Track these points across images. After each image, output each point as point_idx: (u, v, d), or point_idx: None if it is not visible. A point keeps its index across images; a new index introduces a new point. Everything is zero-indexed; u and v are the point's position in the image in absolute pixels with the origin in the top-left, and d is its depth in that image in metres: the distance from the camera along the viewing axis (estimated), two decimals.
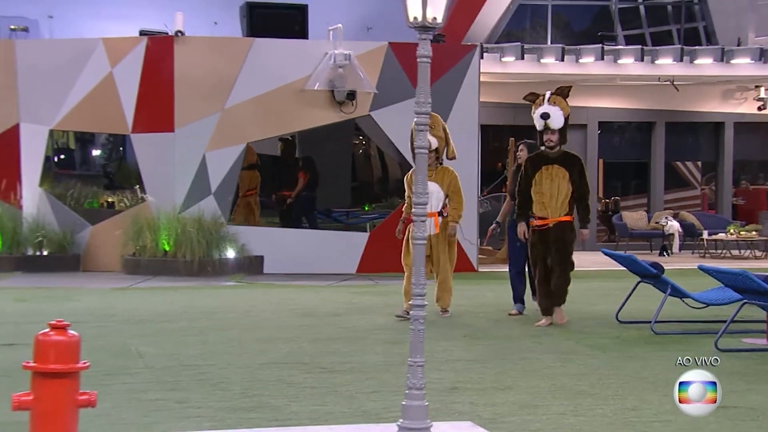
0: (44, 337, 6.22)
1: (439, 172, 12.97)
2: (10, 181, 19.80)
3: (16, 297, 15.47)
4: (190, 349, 10.97)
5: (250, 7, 20.09)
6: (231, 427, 7.49)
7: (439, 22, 6.77)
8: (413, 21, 6.77)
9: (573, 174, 12.31)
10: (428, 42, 6.85)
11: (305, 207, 21.38)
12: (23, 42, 20.68)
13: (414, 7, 6.72)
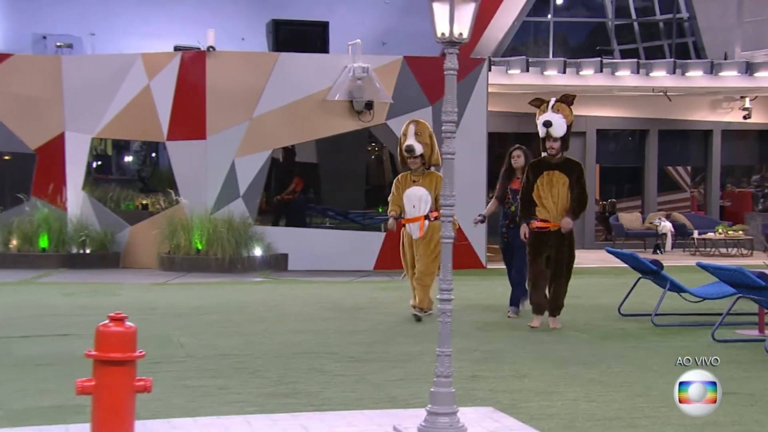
0: (104, 328, 6.30)
1: (426, 176, 12.41)
2: (57, 185, 19.85)
3: (64, 292, 15.51)
4: (227, 339, 10.99)
5: (276, 24, 20.12)
6: (271, 412, 7.51)
7: (465, 37, 6.72)
8: (441, 36, 6.71)
9: (572, 180, 11.63)
10: (455, 56, 6.81)
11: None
12: (68, 58, 20.69)
13: (442, 23, 6.67)
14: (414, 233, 12.30)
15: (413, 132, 12.30)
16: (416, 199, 12.18)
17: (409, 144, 12.23)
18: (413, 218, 12.28)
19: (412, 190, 12.28)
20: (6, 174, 20.82)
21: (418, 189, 12.22)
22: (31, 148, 20.02)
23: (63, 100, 19.95)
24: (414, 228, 12.30)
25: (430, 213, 12.19)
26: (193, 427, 6.99)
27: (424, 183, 12.30)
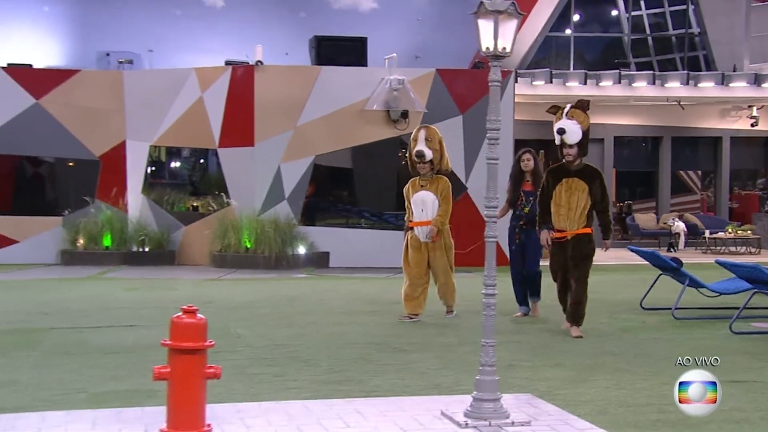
0: (178, 320, 6.32)
1: (434, 181, 11.70)
2: (119, 189, 19.98)
3: (127, 287, 15.58)
4: (280, 331, 10.99)
5: (318, 39, 20.13)
6: (325, 397, 7.49)
7: (508, 51, 6.72)
8: (486, 51, 6.71)
9: (593, 188, 10.57)
10: (498, 68, 6.80)
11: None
12: (129, 72, 20.82)
13: (486, 38, 6.67)
14: (422, 236, 11.69)
15: (423, 137, 11.66)
16: (423, 203, 11.63)
17: (419, 149, 11.58)
18: (422, 222, 11.66)
19: (420, 194, 11.68)
20: (73, 179, 20.93)
21: (427, 193, 11.64)
22: (95, 155, 20.13)
23: (124, 111, 20.08)
24: (422, 231, 11.67)
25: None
26: (256, 411, 7.00)
27: (431, 188, 11.69)
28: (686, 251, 23.16)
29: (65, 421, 6.65)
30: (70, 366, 8.81)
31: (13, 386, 7.92)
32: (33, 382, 8.08)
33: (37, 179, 22.06)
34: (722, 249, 23.59)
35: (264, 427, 6.52)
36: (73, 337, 10.42)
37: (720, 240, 23.62)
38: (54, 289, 15.25)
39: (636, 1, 27.22)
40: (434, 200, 11.59)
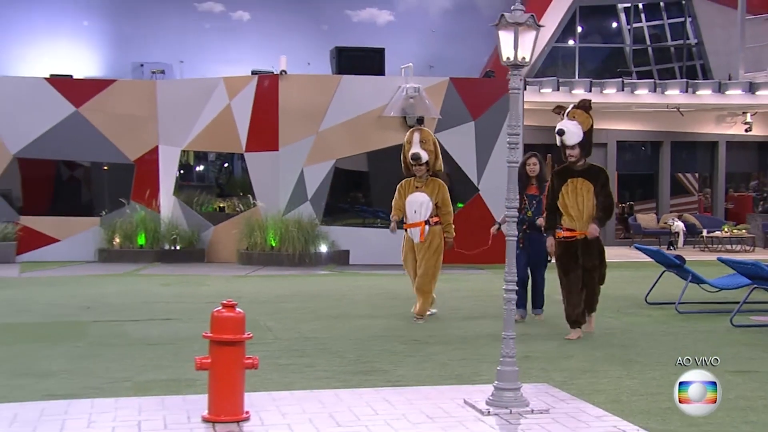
0: (219, 314, 6.35)
1: (429, 183, 11.16)
2: (152, 191, 20.02)
3: (161, 282, 15.62)
4: (307, 324, 11.00)
5: (339, 50, 20.13)
6: (354, 387, 7.50)
7: (527, 60, 6.71)
8: (506, 60, 6.70)
9: (597, 186, 9.85)
10: (518, 77, 6.79)
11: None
12: (161, 82, 20.87)
13: (507, 48, 6.67)
14: (415, 237, 11.20)
15: (418, 140, 11.11)
16: (417, 204, 11.10)
17: (415, 152, 11.04)
18: (414, 223, 11.17)
19: (415, 195, 11.14)
20: (109, 182, 20.99)
21: (421, 195, 11.09)
22: (130, 159, 20.18)
23: (157, 118, 20.13)
24: (415, 232, 11.19)
25: (431, 218, 11.12)
26: (290, 399, 7.00)
27: (426, 189, 11.13)
28: (685, 249, 23.09)
29: (114, 408, 6.67)
30: (114, 356, 8.86)
31: (63, 375, 7.99)
32: (81, 371, 8.13)
33: (74, 182, 22.15)
34: (719, 247, 23.54)
35: (299, 415, 6.53)
36: (115, 330, 10.48)
37: (717, 239, 23.59)
38: (95, 284, 15.31)
39: (637, 13, 27.21)
40: (428, 202, 11.06)
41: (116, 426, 6.20)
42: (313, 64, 22.50)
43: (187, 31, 23.99)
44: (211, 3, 24.58)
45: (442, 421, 6.38)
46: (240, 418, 6.29)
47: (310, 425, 6.25)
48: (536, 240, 10.91)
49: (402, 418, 6.45)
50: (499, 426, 6.29)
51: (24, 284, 15.41)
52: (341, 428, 6.20)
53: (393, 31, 24.52)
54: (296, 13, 24.46)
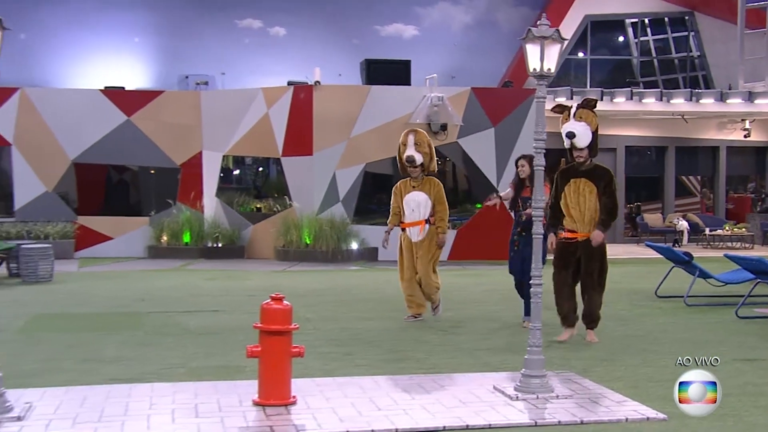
0: (268, 306, 6.36)
1: (425, 183, 10.49)
2: (196, 193, 20.07)
3: (206, 277, 15.64)
4: (343, 316, 10.99)
5: (368, 62, 20.16)
6: (390, 374, 7.49)
7: (553, 71, 6.68)
8: (533, 71, 6.68)
9: (601, 188, 8.99)
10: (544, 87, 6.77)
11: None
12: (205, 92, 20.94)
13: (533, 60, 6.65)
14: (414, 236, 10.53)
15: (413, 142, 10.41)
16: (415, 203, 10.46)
17: (410, 155, 10.36)
18: (413, 222, 10.52)
19: (412, 195, 10.49)
20: (157, 184, 21.09)
21: (419, 194, 10.44)
22: (176, 163, 20.27)
23: (201, 126, 20.20)
24: (414, 231, 10.53)
25: (430, 217, 10.48)
26: (332, 384, 7.00)
27: (423, 188, 10.49)
28: (689, 247, 22.96)
29: (172, 392, 6.70)
30: (169, 344, 8.89)
31: (123, 361, 8.03)
32: (140, 358, 8.17)
33: (125, 185, 22.28)
34: (720, 244, 23.39)
35: (341, 399, 6.53)
36: (168, 320, 10.52)
37: (718, 237, 23.47)
38: (146, 279, 15.36)
39: (643, 27, 27.08)
40: (426, 201, 10.43)
41: (175, 408, 6.22)
42: (344, 75, 22.49)
43: (228, 46, 24.05)
44: (251, 20, 24.62)
45: (473, 406, 6.37)
46: (288, 402, 6.31)
47: (352, 409, 6.25)
48: (531, 243, 10.00)
49: (436, 403, 6.45)
50: (527, 410, 6.27)
51: (83, 278, 15.51)
52: (381, 412, 6.20)
53: (418, 45, 24.49)
54: (328, 29, 24.47)
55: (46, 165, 19.71)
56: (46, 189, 19.78)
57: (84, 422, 5.86)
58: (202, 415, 6.06)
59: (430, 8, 25.46)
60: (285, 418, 6.00)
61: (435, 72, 20.28)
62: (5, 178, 19.94)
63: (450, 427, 5.86)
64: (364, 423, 5.90)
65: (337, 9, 24.69)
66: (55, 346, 8.75)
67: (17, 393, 6.40)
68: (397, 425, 5.85)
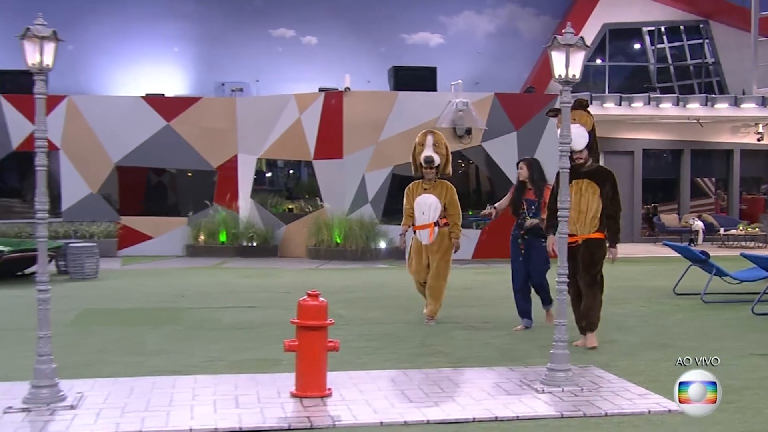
0: (304, 302, 6.35)
1: (437, 185, 9.99)
2: (232, 194, 20.14)
3: (242, 274, 15.68)
4: (373, 312, 10.97)
5: (396, 69, 20.12)
6: (420, 367, 7.46)
7: (577, 77, 6.63)
8: (558, 77, 6.63)
9: (604, 190, 8.34)
10: (569, 92, 6.72)
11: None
12: (240, 99, 21.01)
13: (559, 66, 6.60)
14: (424, 239, 10.01)
15: (431, 143, 9.92)
16: (426, 206, 9.93)
17: (428, 155, 9.85)
18: (423, 225, 10.00)
19: (423, 197, 9.97)
20: (195, 186, 21.19)
21: (429, 197, 9.92)
22: (213, 166, 20.35)
23: (237, 130, 20.27)
24: (424, 234, 10.02)
25: (440, 220, 9.96)
26: (365, 378, 7.00)
27: (434, 191, 9.97)
28: (704, 246, 22.77)
29: (213, 383, 6.72)
30: (209, 338, 8.92)
31: (166, 354, 8.06)
32: (182, 351, 8.20)
33: (165, 187, 22.40)
34: (734, 243, 23.20)
35: (374, 392, 6.52)
36: (207, 315, 10.55)
37: (732, 236, 23.29)
38: (185, 276, 15.43)
39: (659, 35, 26.90)
40: (437, 203, 9.89)
41: (217, 399, 6.24)
42: (373, 82, 22.52)
43: (262, 54, 24.14)
44: (284, 29, 24.69)
45: (501, 398, 6.34)
46: (324, 393, 6.31)
47: (385, 401, 6.24)
48: (536, 246, 9.55)
49: (466, 396, 6.43)
50: (553, 403, 6.23)
51: (126, 275, 15.60)
52: (413, 403, 6.19)
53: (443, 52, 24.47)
54: (357, 38, 24.50)
55: (91, 168, 19.87)
56: (91, 191, 19.94)
57: (132, 411, 5.90)
58: (242, 406, 6.07)
59: (455, 17, 25.43)
60: (321, 409, 6.00)
61: (460, 78, 20.27)
62: (53, 181, 20.10)
63: (479, 418, 5.83)
64: (396, 414, 5.89)
65: (366, 19, 24.72)
66: (102, 340, 8.82)
67: (69, 383, 6.46)
68: (429, 417, 5.84)
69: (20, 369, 7.21)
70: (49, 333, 6.14)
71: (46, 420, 5.71)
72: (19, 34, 5.95)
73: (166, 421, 5.69)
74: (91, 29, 23.13)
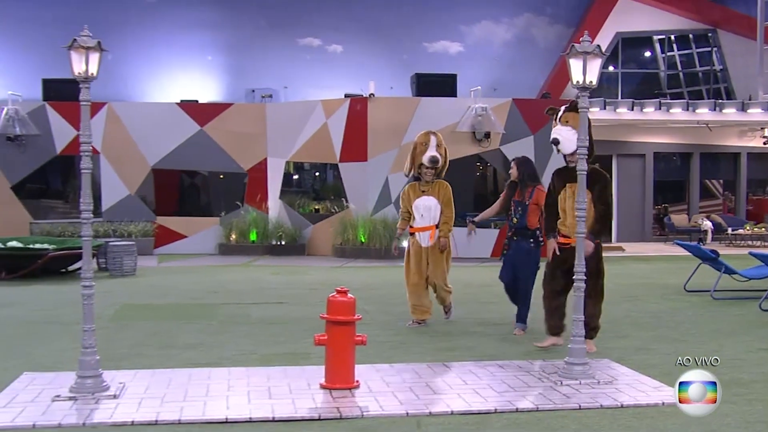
0: (333, 298, 6.34)
1: (435, 186, 9.38)
2: (262, 195, 20.23)
3: (272, 272, 15.72)
4: (397, 308, 10.91)
5: (418, 76, 20.12)
6: (443, 361, 7.44)
7: (594, 84, 6.59)
8: (576, 83, 6.59)
9: (594, 192, 7.60)
10: (587, 98, 6.69)
11: None
12: (270, 105, 21.05)
13: (577, 73, 6.57)
14: (423, 242, 9.40)
15: (435, 144, 9.29)
16: (425, 208, 9.33)
17: (433, 155, 9.21)
18: (423, 227, 9.40)
19: (422, 200, 9.35)
20: (226, 188, 21.26)
21: (429, 199, 9.32)
22: (244, 169, 20.41)
23: (266, 135, 20.32)
24: (424, 237, 9.40)
25: (440, 222, 9.35)
26: (391, 371, 6.99)
27: (433, 192, 9.36)
28: (712, 245, 22.61)
29: (247, 375, 6.74)
30: (241, 333, 8.94)
31: (201, 347, 8.09)
32: (216, 344, 8.23)
33: (195, 188, 22.49)
34: (741, 243, 23.01)
35: (400, 384, 6.52)
36: (239, 311, 10.57)
37: (740, 236, 23.11)
38: (218, 273, 15.48)
39: (669, 44, 26.71)
40: (436, 205, 9.29)
41: (251, 390, 6.26)
42: (396, 88, 22.50)
43: (290, 62, 24.15)
44: (311, 38, 24.70)
45: (522, 391, 6.32)
46: (352, 385, 6.31)
47: (410, 393, 6.24)
48: (521, 248, 8.94)
49: (488, 388, 6.41)
50: (571, 395, 6.20)
51: (162, 272, 15.68)
52: (437, 395, 6.18)
53: (463, 60, 24.41)
54: (381, 46, 24.47)
55: (129, 171, 19.99)
56: (129, 192, 20.06)
57: (171, 401, 5.92)
58: (274, 396, 6.08)
59: (474, 26, 25.34)
60: (350, 400, 6.00)
61: (479, 84, 20.23)
62: (94, 183, 20.26)
63: (501, 409, 5.82)
64: (422, 405, 5.88)
65: (389, 28, 24.69)
66: (141, 333, 8.86)
67: (111, 374, 6.50)
68: (453, 408, 5.83)
69: (65, 360, 7.29)
70: (93, 326, 6.19)
71: (91, 408, 5.76)
72: (67, 45, 5.99)
73: (203, 410, 5.71)
74: (129, 39, 23.24)
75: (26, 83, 21.22)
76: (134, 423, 5.44)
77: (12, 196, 19.99)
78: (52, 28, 22.85)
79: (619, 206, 24.38)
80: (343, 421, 5.55)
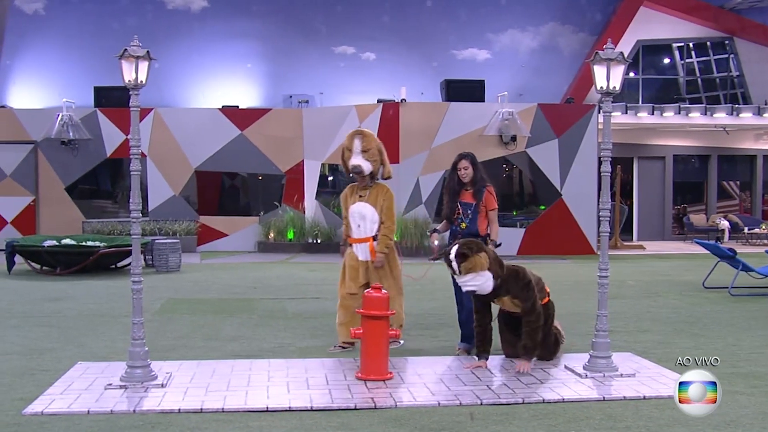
0: (369, 294, 6.34)
1: (373, 191, 7.69)
2: (299, 196, 20.24)
3: (308, 269, 15.71)
4: (428, 303, 10.90)
5: (448, 82, 20.02)
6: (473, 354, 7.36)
7: (617, 89, 6.52)
8: (600, 89, 6.53)
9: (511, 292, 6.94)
10: (610, 102, 6.62)
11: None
12: (306, 110, 21.06)
13: (601, 79, 6.50)
14: (361, 255, 7.72)
15: (359, 149, 7.57)
16: (360, 216, 7.65)
17: (355, 164, 7.57)
18: (360, 239, 7.70)
19: (357, 206, 7.65)
20: (265, 189, 21.32)
21: (364, 206, 7.63)
22: (282, 171, 20.45)
23: (303, 138, 20.35)
24: (361, 249, 7.73)
25: (378, 233, 7.70)
26: (422, 363, 6.97)
27: (370, 198, 7.66)
28: (729, 244, 22.35)
29: (286, 367, 6.75)
30: (279, 326, 8.96)
31: (242, 340, 8.12)
32: (256, 337, 8.25)
33: (235, 189, 22.57)
34: (757, 242, 22.72)
35: (431, 375, 6.50)
36: (277, 306, 10.60)
37: (756, 235, 22.83)
38: (257, 270, 15.52)
39: (688, 51, 26.41)
40: (373, 214, 7.65)
41: (290, 381, 6.27)
42: (426, 94, 22.43)
43: (326, 69, 24.19)
44: (345, 46, 24.72)
45: (548, 383, 6.28)
46: (386, 377, 6.30)
47: (441, 384, 6.22)
48: None
49: (515, 380, 6.37)
50: (595, 387, 6.15)
51: (205, 269, 15.73)
52: (467, 387, 6.15)
53: (490, 66, 24.30)
54: (412, 54, 24.44)
55: (174, 173, 20.12)
56: (174, 193, 20.19)
57: (215, 391, 5.95)
58: (312, 387, 6.08)
59: (501, 35, 25.23)
60: (384, 391, 5.99)
61: (505, 90, 20.11)
62: (141, 184, 20.37)
63: (528, 401, 5.78)
64: (452, 396, 5.86)
65: (420, 36, 24.65)
66: (186, 326, 8.91)
67: (159, 364, 6.54)
68: (482, 399, 5.79)
69: (116, 351, 7.35)
70: (142, 319, 6.23)
71: (141, 396, 5.80)
72: (118, 55, 6.04)
73: (245, 399, 5.73)
74: (173, 48, 23.41)
75: (79, 91, 21.43)
76: (181, 411, 5.47)
77: (66, 197, 20.22)
78: (103, 39, 23.10)
79: (640, 206, 24.18)
80: (377, 410, 5.54)
